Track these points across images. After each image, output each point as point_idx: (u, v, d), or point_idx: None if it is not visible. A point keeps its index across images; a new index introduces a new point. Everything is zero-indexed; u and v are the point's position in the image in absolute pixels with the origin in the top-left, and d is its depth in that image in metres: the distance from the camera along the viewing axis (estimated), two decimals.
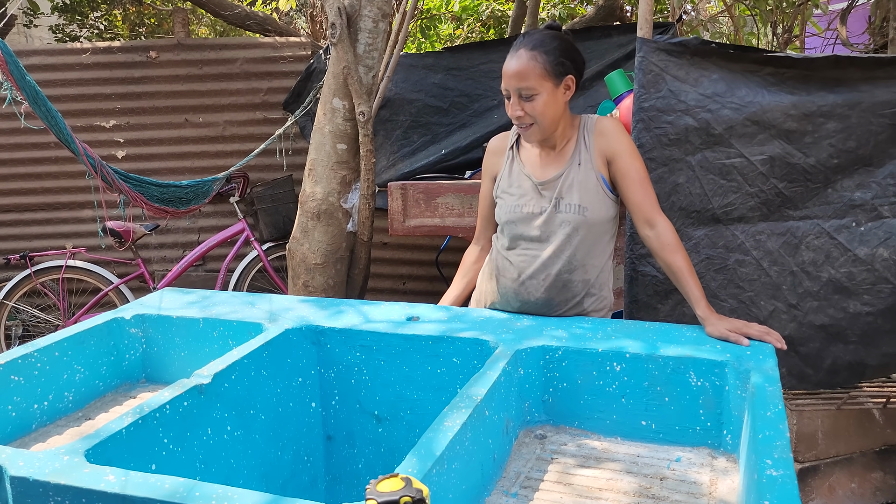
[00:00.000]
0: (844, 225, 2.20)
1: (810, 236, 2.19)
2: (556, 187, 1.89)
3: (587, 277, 1.92)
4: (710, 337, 1.69)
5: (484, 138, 4.08)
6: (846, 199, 2.17)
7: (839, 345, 2.34)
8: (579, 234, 1.88)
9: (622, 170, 1.86)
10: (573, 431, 1.65)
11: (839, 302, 2.28)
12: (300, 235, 3.25)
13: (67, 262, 4.08)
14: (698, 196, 2.24)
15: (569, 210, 1.87)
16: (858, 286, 2.23)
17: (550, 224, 1.89)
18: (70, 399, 1.83)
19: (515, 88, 1.83)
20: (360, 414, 1.86)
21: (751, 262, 2.25)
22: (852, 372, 2.36)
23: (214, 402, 1.56)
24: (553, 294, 1.91)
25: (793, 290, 2.27)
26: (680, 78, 2.13)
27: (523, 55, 1.82)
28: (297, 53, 4.43)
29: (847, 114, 2.08)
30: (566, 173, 1.89)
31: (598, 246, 1.92)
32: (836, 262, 2.23)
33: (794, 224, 2.20)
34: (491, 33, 6.72)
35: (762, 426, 1.23)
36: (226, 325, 1.93)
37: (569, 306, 1.93)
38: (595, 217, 1.87)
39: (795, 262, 2.21)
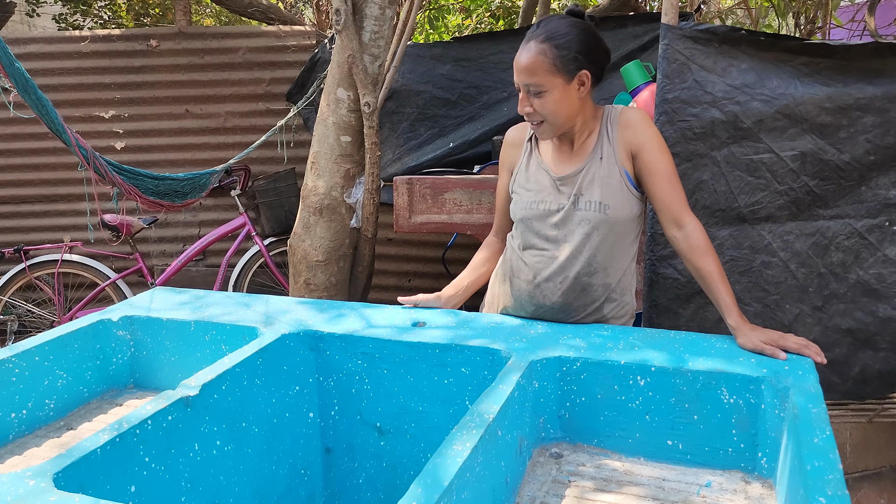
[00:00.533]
0: (877, 224, 2.06)
1: (841, 236, 2.05)
2: (575, 183, 1.75)
3: (608, 281, 1.78)
4: (743, 349, 1.55)
5: (493, 131, 3.95)
6: (881, 197, 2.03)
7: (868, 351, 2.20)
8: (600, 234, 1.73)
9: (648, 165, 1.71)
10: (592, 450, 1.52)
11: (868, 305, 2.15)
12: (302, 231, 3.12)
13: (63, 256, 3.96)
14: (723, 194, 2.10)
15: (589, 207, 1.72)
16: (889, 288, 2.09)
17: (568, 222, 1.75)
18: (51, 407, 1.71)
19: (524, 84, 1.69)
20: (362, 426, 1.73)
21: (777, 264, 2.11)
22: (883, 382, 2.22)
23: (202, 415, 1.43)
24: (570, 298, 1.77)
25: (818, 293, 2.13)
26: (707, 68, 1.99)
27: (533, 48, 1.67)
28: (301, 43, 4.29)
29: (887, 107, 1.94)
30: (587, 168, 1.75)
31: (621, 247, 1.78)
32: (864, 262, 2.10)
33: (825, 224, 2.06)
34: (501, 24, 6.57)
35: (810, 455, 1.10)
36: (219, 328, 1.80)
37: (587, 311, 1.79)
38: (617, 215, 1.72)
39: (824, 263, 2.07)
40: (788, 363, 1.46)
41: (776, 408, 1.37)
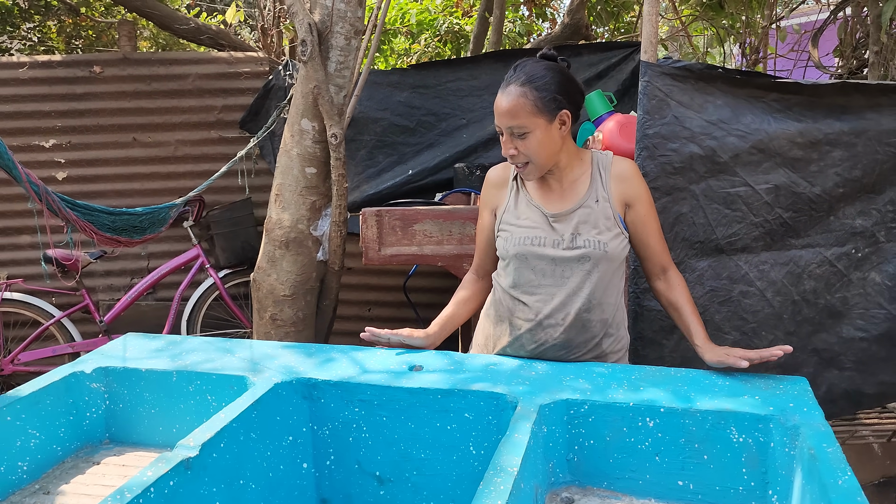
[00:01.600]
0: (845, 252, 2.14)
1: (813, 265, 2.12)
2: (571, 221, 1.76)
3: (605, 317, 1.80)
4: (710, 365, 1.65)
5: (453, 159, 3.95)
6: (847, 226, 2.11)
7: (833, 371, 2.27)
8: (599, 271, 1.76)
9: (641, 218, 1.79)
10: (602, 493, 1.51)
11: (832, 326, 2.22)
12: (266, 265, 3.04)
13: (3, 294, 3.75)
14: (702, 226, 2.14)
15: (588, 245, 1.75)
16: (851, 310, 2.17)
17: (567, 260, 1.76)
18: (24, 469, 1.60)
19: (507, 127, 1.71)
20: (360, 475, 1.68)
21: (755, 293, 2.16)
22: (848, 401, 2.29)
23: (202, 477, 1.36)
24: (572, 335, 1.78)
25: (792, 319, 2.20)
26: (685, 104, 2.03)
27: (513, 91, 1.70)
28: (254, 69, 4.21)
29: (853, 142, 2.01)
30: (582, 208, 1.77)
31: (614, 283, 1.81)
32: (832, 287, 2.17)
33: (797, 253, 2.13)
34: (448, 48, 6.61)
35: (839, 499, 1.11)
36: (203, 378, 1.72)
37: (588, 348, 1.80)
38: (614, 253, 1.76)
39: (797, 291, 2.14)
40: (792, 399, 1.48)
41: (786, 446, 1.39)
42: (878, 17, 2.90)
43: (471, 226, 2.91)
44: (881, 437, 2.46)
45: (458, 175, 3.70)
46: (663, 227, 2.13)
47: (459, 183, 3.69)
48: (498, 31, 4.91)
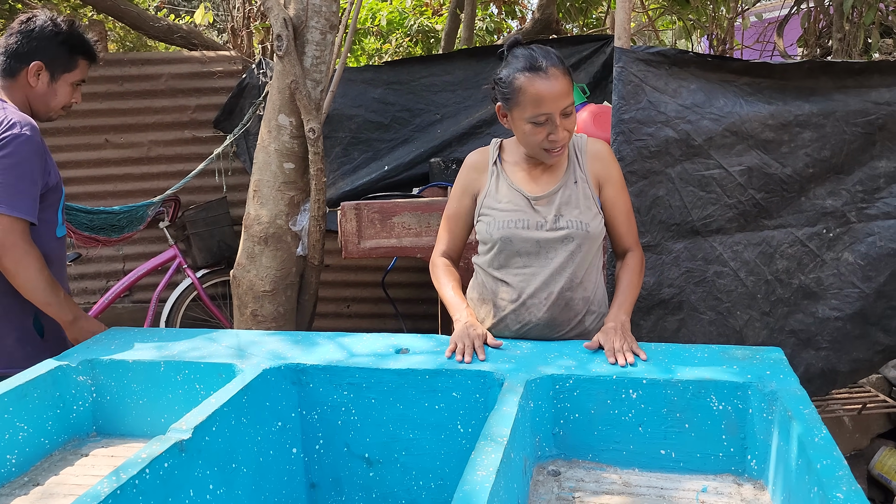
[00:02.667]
0: (816, 232, 2.20)
1: (784, 245, 2.18)
2: (553, 202, 1.81)
3: (587, 295, 1.85)
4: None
5: (428, 154, 3.98)
6: (818, 206, 2.18)
7: (810, 351, 2.34)
8: (581, 251, 1.81)
9: (611, 199, 1.84)
10: (587, 465, 1.55)
11: (808, 307, 2.29)
12: (246, 262, 3.04)
13: None
14: (678, 209, 2.19)
15: (572, 226, 1.79)
16: (826, 291, 2.24)
17: (550, 240, 1.80)
18: (13, 462, 1.60)
19: (563, 108, 1.70)
20: (349, 458, 1.70)
21: (728, 274, 2.22)
22: (825, 380, 2.36)
23: (196, 460, 1.37)
24: (556, 313, 1.82)
25: (766, 299, 2.26)
26: (659, 89, 2.08)
27: (557, 73, 1.70)
28: (227, 69, 4.20)
29: (822, 123, 2.08)
30: (562, 189, 1.81)
31: (594, 262, 1.87)
32: (805, 268, 2.24)
33: (770, 234, 2.19)
34: (418, 48, 6.64)
35: (817, 455, 1.16)
36: (192, 367, 1.73)
37: (571, 325, 1.85)
38: (595, 232, 1.81)
39: (770, 270, 2.20)
40: (770, 368, 1.53)
41: (763, 411, 1.44)
42: (841, 6, 2.99)
43: None
44: (851, 411, 2.54)
45: (433, 169, 3.73)
46: (640, 210, 2.18)
47: (435, 177, 3.71)
48: (469, 28, 4.96)
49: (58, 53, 2.04)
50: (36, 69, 2.02)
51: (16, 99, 2.05)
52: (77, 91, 2.14)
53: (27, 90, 2.05)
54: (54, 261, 2.07)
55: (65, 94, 2.10)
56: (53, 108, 2.11)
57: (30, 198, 1.94)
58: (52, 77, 2.05)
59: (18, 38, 2.03)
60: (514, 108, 1.75)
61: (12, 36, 2.03)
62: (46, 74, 2.04)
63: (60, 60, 2.05)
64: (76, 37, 2.07)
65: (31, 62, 2.02)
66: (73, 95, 2.14)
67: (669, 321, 2.24)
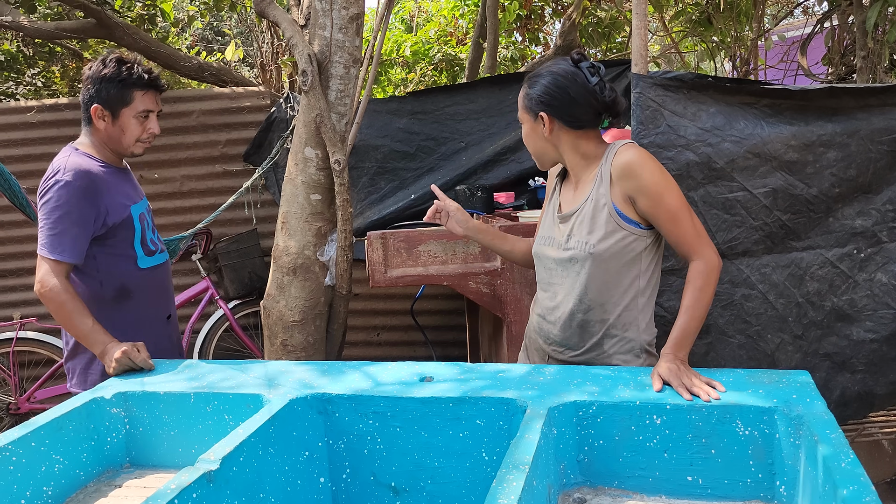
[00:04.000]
0: (846, 253, 2.18)
1: (814, 266, 2.16)
2: (569, 222, 1.84)
3: (605, 317, 1.81)
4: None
5: (453, 182, 4.02)
6: (847, 227, 2.15)
7: (846, 374, 2.30)
8: (587, 271, 1.78)
9: (647, 210, 1.74)
10: (613, 492, 1.54)
11: (842, 329, 2.25)
12: (275, 292, 3.09)
13: (18, 333, 3.80)
14: None
15: (576, 246, 1.81)
16: (860, 312, 2.20)
17: (561, 261, 1.84)
18: (49, 494, 1.64)
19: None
20: (375, 486, 1.71)
21: (757, 296, 2.20)
22: (861, 403, 2.32)
23: (223, 490, 1.40)
24: (568, 334, 1.85)
25: (798, 322, 2.23)
26: (678, 113, 2.09)
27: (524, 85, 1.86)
28: (256, 103, 4.30)
29: (846, 142, 2.07)
30: (581, 208, 1.82)
31: (616, 283, 1.79)
32: (838, 290, 2.21)
33: (798, 255, 2.17)
34: (443, 76, 6.72)
35: (843, 480, 1.14)
36: (220, 398, 1.76)
37: (585, 347, 1.84)
38: (603, 253, 1.75)
39: (801, 293, 2.17)
40: (796, 392, 1.51)
41: (791, 436, 1.42)
42: (864, 24, 2.97)
43: (474, 245, 2.96)
44: (890, 434, 2.48)
45: (459, 197, 3.76)
46: None
47: (462, 204, 3.73)
48: (492, 57, 5.01)
49: (111, 92, 2.13)
50: (97, 112, 2.12)
51: (94, 143, 2.19)
52: (150, 121, 2.21)
53: (99, 133, 2.17)
54: (136, 291, 2.22)
55: (132, 127, 2.18)
56: (127, 144, 2.20)
57: (70, 239, 2.06)
58: (114, 115, 2.15)
59: (84, 86, 2.14)
60: None
61: (82, 86, 2.16)
62: (108, 114, 2.14)
63: (115, 97, 2.14)
64: (125, 71, 2.15)
65: (91, 106, 2.12)
66: (146, 126, 2.21)
67: (697, 345, 2.22)
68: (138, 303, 2.24)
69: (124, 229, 2.18)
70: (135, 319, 2.24)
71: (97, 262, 2.17)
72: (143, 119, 2.19)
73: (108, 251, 2.17)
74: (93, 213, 2.10)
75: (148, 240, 2.27)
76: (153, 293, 2.30)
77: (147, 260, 2.25)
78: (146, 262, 2.25)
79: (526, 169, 3.86)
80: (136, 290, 2.23)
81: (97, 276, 2.18)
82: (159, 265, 2.32)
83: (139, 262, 2.23)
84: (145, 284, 2.26)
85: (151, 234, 2.34)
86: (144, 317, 2.28)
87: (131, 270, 2.22)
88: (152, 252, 2.29)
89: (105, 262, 2.17)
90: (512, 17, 5.77)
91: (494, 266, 2.90)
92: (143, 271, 2.25)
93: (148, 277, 2.27)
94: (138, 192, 2.37)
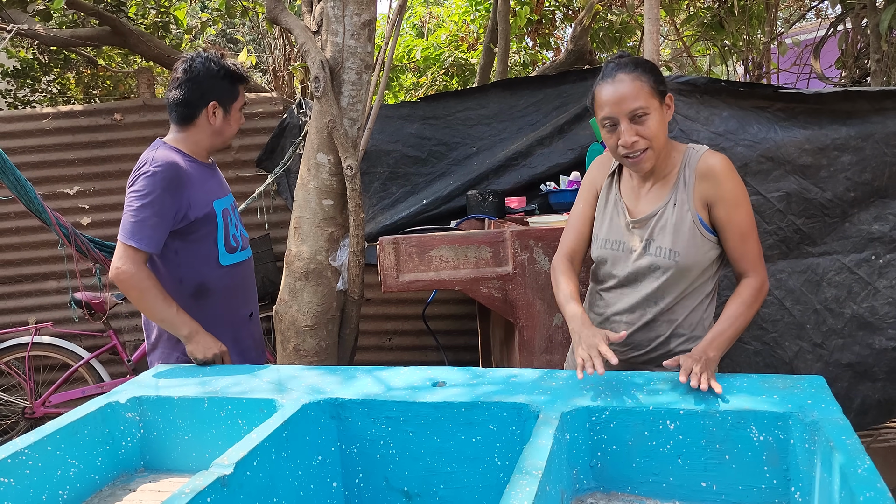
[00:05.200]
0: (864, 259, 2.16)
1: (831, 272, 2.15)
2: (648, 227, 1.78)
3: (674, 318, 1.80)
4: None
5: (465, 186, 4.02)
6: (864, 232, 2.14)
7: (867, 383, 2.28)
8: (669, 280, 1.76)
9: (722, 220, 1.74)
10: (626, 498, 1.53)
11: (864, 338, 2.24)
12: (288, 297, 3.10)
13: (33, 338, 3.83)
14: None
15: (659, 254, 1.75)
16: (882, 320, 2.19)
17: (640, 266, 1.78)
18: (65, 498, 1.65)
19: (627, 112, 1.69)
20: (388, 491, 1.71)
21: (773, 303, 2.19)
22: (881, 410, 2.30)
23: (237, 495, 1.40)
24: (636, 336, 1.82)
25: (817, 329, 2.21)
26: (690, 117, 2.09)
27: (625, 77, 1.71)
28: (268, 109, 4.32)
29: (861, 146, 2.06)
30: (661, 213, 1.77)
31: (693, 289, 1.79)
32: (857, 297, 2.19)
33: (815, 261, 2.15)
34: (455, 81, 6.73)
35: (860, 487, 1.14)
36: (234, 403, 1.77)
37: (652, 346, 1.82)
38: (688, 262, 1.74)
39: (818, 299, 2.16)
40: (810, 396, 1.50)
41: (806, 442, 1.41)
42: (878, 26, 2.95)
43: (486, 249, 2.96)
44: None
45: (470, 202, 3.77)
46: None
47: (473, 209, 3.75)
48: (503, 62, 5.02)
49: (223, 88, 2.17)
50: (213, 108, 2.17)
51: (184, 139, 2.25)
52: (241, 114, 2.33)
53: (207, 130, 2.23)
54: (217, 288, 2.25)
55: (237, 120, 2.30)
56: (228, 137, 2.32)
57: (150, 228, 2.10)
58: (226, 111, 2.21)
59: (187, 86, 2.16)
60: (596, 115, 1.78)
61: (180, 86, 2.18)
62: (220, 110, 2.19)
63: (227, 93, 2.21)
64: (229, 67, 2.22)
65: (208, 104, 2.15)
66: (241, 120, 2.33)
67: None
68: (218, 300, 2.26)
69: (206, 224, 2.22)
70: (214, 316, 2.25)
71: (178, 258, 2.20)
72: (241, 112, 2.32)
73: (189, 246, 2.20)
74: (175, 204, 2.14)
75: (231, 236, 2.29)
76: (234, 290, 2.32)
77: (229, 257, 2.27)
78: (228, 259, 2.27)
79: (537, 174, 3.85)
80: (216, 287, 2.25)
81: (177, 272, 2.21)
82: (241, 262, 2.34)
83: (220, 259, 2.25)
84: (226, 282, 2.28)
85: (235, 230, 2.35)
86: (224, 314, 2.29)
87: (212, 267, 2.24)
88: (234, 249, 2.30)
89: (186, 257, 2.20)
90: (523, 22, 5.78)
91: (506, 271, 2.89)
92: (225, 268, 2.26)
93: (229, 275, 2.29)
94: (223, 188, 2.38)
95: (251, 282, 2.43)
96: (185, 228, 2.17)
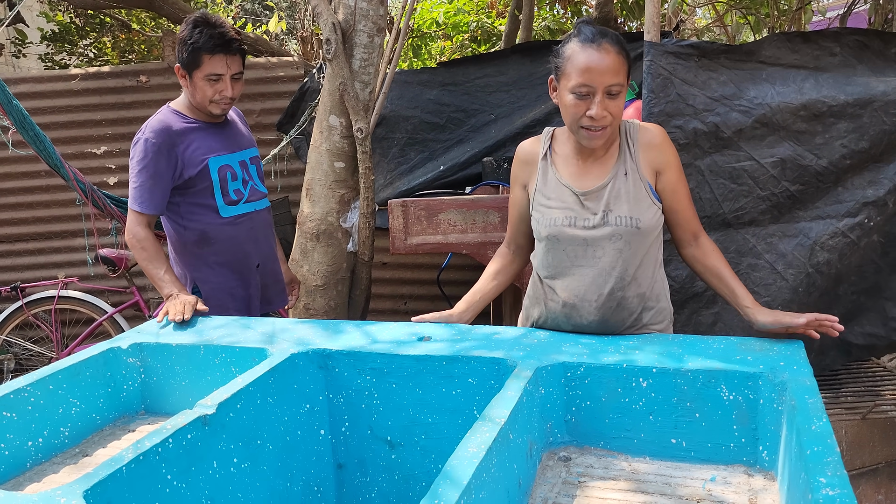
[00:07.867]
0: (858, 223, 2.14)
1: (824, 236, 2.13)
2: (601, 198, 1.75)
3: (641, 291, 1.79)
4: (763, 327, 1.68)
5: (482, 153, 4.03)
6: (859, 196, 2.12)
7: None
8: (631, 248, 1.74)
9: (672, 184, 1.76)
10: (598, 452, 1.57)
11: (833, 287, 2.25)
12: (299, 257, 3.17)
13: (60, 292, 3.98)
14: (708, 201, 2.18)
15: (620, 223, 1.73)
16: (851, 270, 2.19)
17: (599, 238, 1.75)
18: (66, 434, 1.74)
19: (607, 85, 1.63)
20: (372, 440, 1.77)
21: (764, 266, 2.18)
22: (839, 351, 2.32)
23: (220, 434, 1.47)
24: (607, 315, 1.77)
25: (807, 292, 2.21)
26: (688, 81, 2.07)
27: (611, 50, 1.63)
28: (289, 73, 4.37)
29: (859, 113, 2.03)
30: (612, 183, 1.75)
31: (649, 256, 1.79)
32: (845, 258, 2.19)
33: (806, 225, 2.14)
34: (483, 48, 6.69)
35: (809, 441, 1.16)
36: (228, 351, 1.84)
37: (627, 324, 1.80)
38: (647, 227, 1.74)
39: (811, 263, 2.15)
40: (783, 359, 1.52)
41: (774, 402, 1.43)
42: None
43: (494, 214, 2.99)
44: None
45: (485, 169, 3.78)
46: None
47: (488, 176, 3.77)
48: (527, 29, 4.98)
49: (185, 54, 2.22)
50: (178, 72, 2.24)
51: (186, 103, 2.35)
52: (221, 84, 2.24)
53: (187, 93, 2.31)
54: (218, 238, 2.36)
55: (202, 89, 2.25)
56: (199, 103, 2.31)
57: (147, 192, 2.25)
58: (189, 76, 2.25)
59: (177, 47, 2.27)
60: (562, 77, 1.69)
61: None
62: (185, 74, 2.23)
63: (188, 59, 2.22)
64: (195, 34, 2.20)
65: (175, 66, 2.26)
66: (216, 89, 2.24)
67: (704, 315, 2.21)
68: (220, 249, 2.37)
69: (202, 180, 2.31)
70: (218, 264, 2.39)
71: (180, 210, 2.34)
72: (214, 81, 2.24)
73: (189, 200, 2.33)
74: (170, 166, 2.25)
75: (231, 190, 2.36)
76: (237, 241, 2.41)
77: (229, 209, 2.37)
78: (229, 212, 2.37)
79: None
80: (217, 236, 2.36)
81: (181, 223, 2.36)
82: (246, 214, 2.41)
83: (220, 212, 2.36)
84: (229, 232, 2.38)
85: (240, 184, 2.40)
86: (227, 262, 2.41)
87: (212, 218, 2.35)
88: (235, 202, 2.37)
89: (187, 209, 2.33)
90: None
91: None
92: (226, 219, 2.37)
93: (231, 226, 2.38)
94: (231, 145, 2.41)
95: (263, 234, 2.49)
96: (182, 185, 2.30)
